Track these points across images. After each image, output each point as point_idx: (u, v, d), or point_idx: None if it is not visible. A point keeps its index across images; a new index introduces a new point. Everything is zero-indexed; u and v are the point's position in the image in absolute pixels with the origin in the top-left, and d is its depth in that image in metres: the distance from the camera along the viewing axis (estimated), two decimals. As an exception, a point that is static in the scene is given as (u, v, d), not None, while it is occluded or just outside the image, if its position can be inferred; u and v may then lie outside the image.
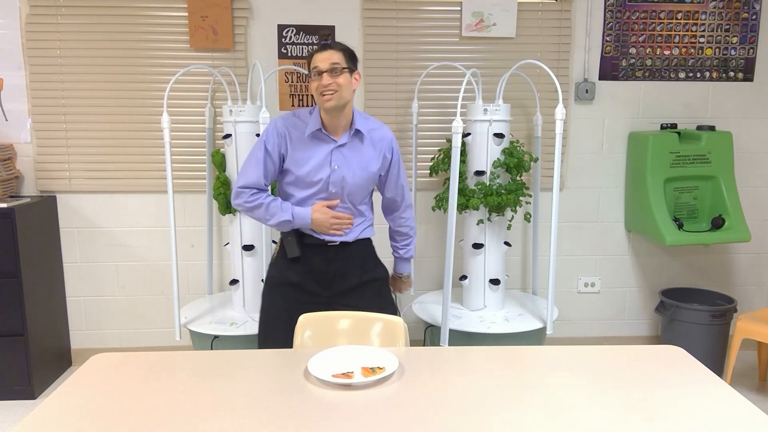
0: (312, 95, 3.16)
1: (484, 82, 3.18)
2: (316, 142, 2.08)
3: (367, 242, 2.24)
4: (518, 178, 2.84)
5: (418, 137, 3.25)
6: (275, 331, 2.14)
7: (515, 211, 2.91)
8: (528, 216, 3.04)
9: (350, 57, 2.04)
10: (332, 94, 1.98)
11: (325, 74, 1.98)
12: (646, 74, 3.29)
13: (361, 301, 2.15)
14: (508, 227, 2.93)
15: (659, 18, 3.24)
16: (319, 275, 2.15)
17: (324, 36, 2.08)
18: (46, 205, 3.14)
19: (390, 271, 2.38)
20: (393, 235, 2.38)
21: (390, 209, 2.33)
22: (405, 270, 2.44)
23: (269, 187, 2.15)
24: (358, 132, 2.11)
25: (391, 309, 2.24)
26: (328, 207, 2.10)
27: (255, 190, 2.09)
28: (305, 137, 2.08)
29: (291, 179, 2.11)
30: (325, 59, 1.99)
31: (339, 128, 2.09)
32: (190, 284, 3.36)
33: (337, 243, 2.15)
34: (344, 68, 2.00)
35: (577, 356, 1.69)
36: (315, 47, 2.08)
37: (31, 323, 2.97)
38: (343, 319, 1.95)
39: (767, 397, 3.03)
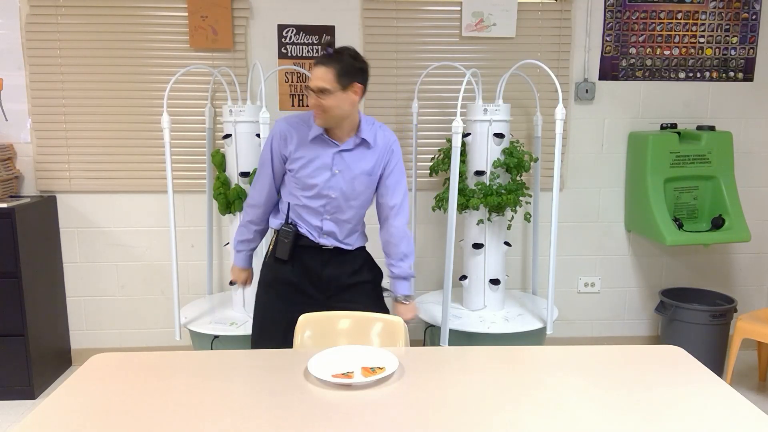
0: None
1: (484, 82, 3.17)
2: (319, 144, 2.08)
3: (361, 249, 2.24)
4: (518, 178, 2.84)
5: (418, 137, 3.25)
6: (270, 331, 2.14)
7: (515, 211, 2.91)
8: (528, 216, 3.04)
9: (346, 72, 1.95)
10: (320, 114, 1.98)
11: (313, 94, 1.96)
12: (646, 74, 3.29)
13: (353, 301, 2.13)
14: (508, 227, 2.93)
15: (659, 18, 3.23)
16: (312, 277, 2.15)
17: (327, 43, 2.00)
18: (46, 205, 3.14)
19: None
20: (384, 248, 2.23)
21: (380, 216, 2.22)
22: (400, 290, 2.20)
23: (272, 203, 2.23)
24: (364, 140, 2.09)
25: (383, 311, 2.22)
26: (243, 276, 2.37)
27: (251, 220, 2.23)
28: (308, 140, 2.08)
29: (292, 180, 2.11)
30: (316, 78, 1.94)
31: (343, 135, 2.08)
32: (190, 284, 3.36)
33: (331, 247, 2.15)
34: (331, 91, 1.94)
35: (577, 356, 1.69)
36: (318, 53, 2.03)
37: (31, 323, 2.97)
38: (343, 319, 1.95)
39: (767, 397, 3.03)
